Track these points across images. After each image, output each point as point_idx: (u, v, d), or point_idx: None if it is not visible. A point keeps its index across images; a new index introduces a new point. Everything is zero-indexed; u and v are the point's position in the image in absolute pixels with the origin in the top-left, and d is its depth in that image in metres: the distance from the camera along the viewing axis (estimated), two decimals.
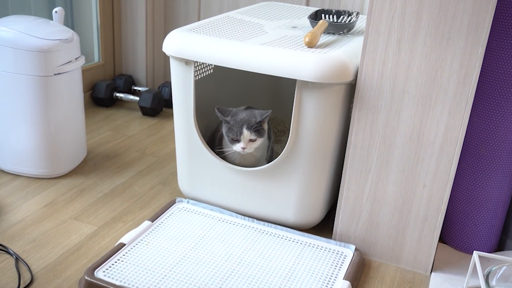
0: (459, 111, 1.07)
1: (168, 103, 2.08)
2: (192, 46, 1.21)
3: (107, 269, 1.08)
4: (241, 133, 1.21)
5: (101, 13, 2.06)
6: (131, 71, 2.20)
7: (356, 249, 1.21)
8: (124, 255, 1.13)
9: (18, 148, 1.45)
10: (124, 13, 2.12)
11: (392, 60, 1.08)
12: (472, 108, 1.15)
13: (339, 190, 1.25)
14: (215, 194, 1.35)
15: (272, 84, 1.72)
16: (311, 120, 1.17)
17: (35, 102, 1.41)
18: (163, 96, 2.05)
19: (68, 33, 1.46)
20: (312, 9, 1.62)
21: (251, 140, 1.22)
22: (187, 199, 1.36)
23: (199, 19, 2.06)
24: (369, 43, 1.08)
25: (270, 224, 1.29)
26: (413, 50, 1.06)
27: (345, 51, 1.18)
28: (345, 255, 1.19)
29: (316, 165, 1.22)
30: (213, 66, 1.42)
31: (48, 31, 1.43)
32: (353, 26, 1.37)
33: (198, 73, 1.33)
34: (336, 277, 1.11)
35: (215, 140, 1.38)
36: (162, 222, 1.26)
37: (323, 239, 1.24)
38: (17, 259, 1.15)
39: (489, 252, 1.25)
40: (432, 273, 1.19)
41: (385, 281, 1.17)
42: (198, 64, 1.32)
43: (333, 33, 1.35)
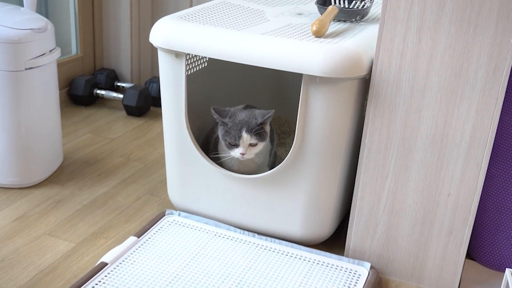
0: (488, 109, 1.07)
1: (156, 101, 2.08)
2: (183, 36, 1.20)
3: None
4: (240, 136, 1.21)
5: None
6: (114, 64, 2.20)
7: (371, 267, 1.21)
8: (106, 276, 1.13)
9: None
10: None
11: (412, 51, 1.08)
12: (503, 105, 1.15)
13: (351, 200, 1.25)
14: (210, 205, 1.35)
15: (274, 80, 1.72)
16: (320, 120, 1.17)
17: (3, 101, 1.41)
18: (150, 93, 2.05)
19: (41, 21, 1.47)
20: None
21: (252, 145, 1.22)
22: (178, 211, 1.36)
23: (191, 5, 2.06)
24: (385, 32, 1.09)
25: (273, 239, 1.29)
26: (435, 40, 1.06)
27: (358, 41, 1.18)
28: (359, 274, 1.19)
29: (326, 171, 1.22)
30: (207, 59, 1.42)
31: (18, 19, 1.43)
32: (367, 13, 1.37)
33: (190, 67, 1.33)
34: None
35: (209, 144, 1.38)
36: (149, 238, 1.26)
37: (334, 256, 1.24)
38: None
39: None
40: None
41: None
42: (190, 56, 1.31)
43: (344, 21, 1.35)
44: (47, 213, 1.40)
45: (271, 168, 1.34)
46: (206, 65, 1.42)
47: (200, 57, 1.38)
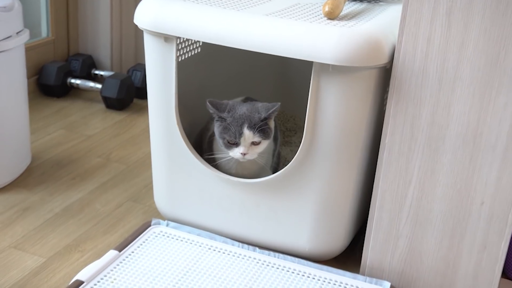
0: None
1: (141, 93, 2.09)
2: (173, 17, 1.20)
3: None
4: (241, 133, 1.21)
5: None
6: (91, 49, 2.20)
7: (392, 287, 1.22)
8: None
9: None
10: None
11: (440, 37, 1.07)
12: None
13: (369, 209, 1.24)
14: (204, 214, 1.35)
15: (279, 69, 1.72)
16: (332, 115, 1.17)
17: None
18: (133, 83, 2.06)
19: None
20: None
21: (254, 143, 1.22)
22: (166, 221, 1.36)
23: None
24: (409, 14, 1.08)
25: (277, 254, 1.29)
26: (468, 24, 1.06)
27: (377, 24, 1.18)
28: None
29: (339, 175, 1.22)
30: (201, 44, 1.42)
31: None
32: None
33: (182, 52, 1.33)
34: None
35: (203, 143, 1.38)
36: (133, 252, 1.26)
37: (348, 273, 1.24)
38: None
39: None
40: None
41: None
42: (182, 40, 1.32)
43: (361, 0, 1.34)
44: (12, 222, 1.40)
45: (274, 171, 1.34)
46: (199, 50, 1.42)
47: (193, 42, 1.38)
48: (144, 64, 2.08)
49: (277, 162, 1.38)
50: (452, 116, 1.11)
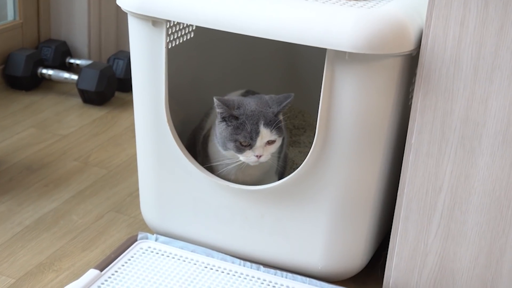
0: None
1: (124, 85, 2.08)
2: None
3: None
4: (257, 133, 1.21)
5: None
6: (65, 35, 2.19)
7: None
8: None
9: None
10: None
11: (476, 19, 1.07)
12: None
13: (392, 221, 1.24)
14: (199, 226, 1.34)
15: (285, 56, 1.71)
16: (349, 111, 1.16)
17: None
18: (115, 74, 2.05)
19: None
20: None
21: (269, 143, 1.23)
22: (155, 235, 1.36)
23: None
24: None
25: (285, 273, 1.28)
26: (508, 3, 1.05)
27: (402, 5, 1.17)
28: None
29: (357, 181, 1.22)
30: (194, 28, 1.41)
31: None
32: None
33: (172, 38, 1.33)
34: None
35: (197, 144, 1.38)
36: (116, 272, 1.25)
37: None
38: None
39: None
40: None
41: None
42: (172, 24, 1.31)
43: None
44: None
45: (280, 177, 1.33)
46: (192, 36, 1.42)
47: (186, 26, 1.38)
48: (127, 52, 2.11)
49: (284, 166, 1.38)
50: (490, 112, 1.11)
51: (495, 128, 1.11)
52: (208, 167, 1.31)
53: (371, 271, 1.35)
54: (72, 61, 2.16)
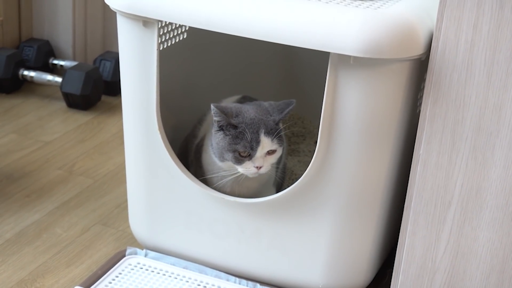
0: None
1: (112, 88, 2.09)
2: None
3: None
4: (258, 142, 1.21)
5: None
6: (48, 34, 2.19)
7: None
8: None
9: None
10: None
11: (490, 22, 1.06)
12: None
13: (397, 236, 1.23)
14: (192, 241, 1.34)
15: (284, 60, 1.72)
16: (354, 119, 1.16)
17: None
18: (102, 77, 2.05)
19: None
20: None
21: (269, 153, 1.23)
22: (144, 250, 1.36)
23: None
24: None
25: None
26: None
27: (411, 6, 1.17)
28: None
29: (362, 193, 1.22)
30: (187, 29, 1.42)
31: None
32: None
33: (164, 39, 1.33)
34: None
35: (189, 153, 1.38)
36: None
37: None
38: None
39: None
40: None
41: None
42: (164, 25, 1.31)
43: None
44: None
45: (279, 188, 1.33)
46: (186, 37, 1.42)
47: (178, 26, 1.38)
48: (115, 52, 2.11)
49: (282, 177, 1.38)
50: (504, 121, 1.10)
51: (509, 139, 1.11)
52: (202, 178, 1.30)
53: None
54: (55, 62, 2.16)
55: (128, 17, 1.22)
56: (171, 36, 1.36)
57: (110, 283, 1.26)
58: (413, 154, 1.17)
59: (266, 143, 1.22)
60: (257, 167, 1.22)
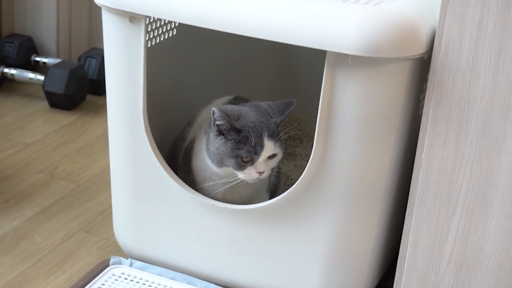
0: None
1: (96, 87, 2.09)
2: None
3: None
4: (262, 146, 1.21)
5: None
6: (30, 29, 2.19)
7: None
8: None
9: None
10: None
11: (496, 19, 1.06)
12: None
13: (398, 246, 1.23)
14: (180, 250, 1.34)
15: (278, 58, 1.73)
16: (352, 121, 1.16)
17: None
18: (86, 75, 2.05)
19: None
20: None
21: (270, 157, 1.24)
22: (129, 259, 1.36)
23: None
24: None
25: None
26: None
27: (412, 2, 1.18)
28: None
29: (361, 199, 1.22)
30: (176, 25, 1.42)
31: None
32: None
33: (152, 36, 1.33)
34: None
35: (177, 156, 1.38)
36: None
37: None
38: None
39: None
40: None
41: None
42: (152, 21, 1.31)
43: None
44: None
45: (272, 195, 1.34)
46: (175, 33, 1.42)
47: (167, 22, 1.38)
48: (101, 50, 2.12)
49: (276, 182, 1.38)
50: (511, 124, 1.10)
51: None
52: (191, 183, 1.30)
53: None
54: (38, 59, 2.16)
55: (113, 13, 1.22)
56: (159, 33, 1.36)
57: None
58: (415, 159, 1.17)
59: (270, 147, 1.22)
60: (259, 172, 1.22)
